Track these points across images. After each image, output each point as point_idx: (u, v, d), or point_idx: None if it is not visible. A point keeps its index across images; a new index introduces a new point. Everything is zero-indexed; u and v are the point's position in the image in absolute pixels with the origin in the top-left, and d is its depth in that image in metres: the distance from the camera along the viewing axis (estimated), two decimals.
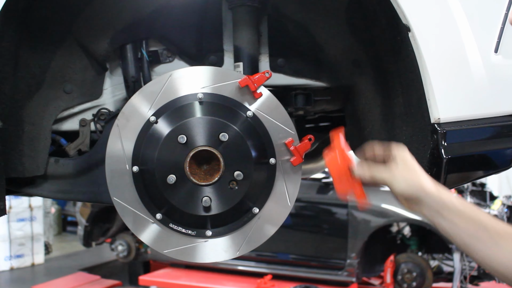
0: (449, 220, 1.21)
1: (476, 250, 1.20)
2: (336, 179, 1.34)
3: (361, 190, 1.33)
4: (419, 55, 1.38)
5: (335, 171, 1.34)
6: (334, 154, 1.35)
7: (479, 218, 1.20)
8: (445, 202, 1.21)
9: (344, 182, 1.34)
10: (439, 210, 1.22)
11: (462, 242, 1.21)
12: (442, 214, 1.22)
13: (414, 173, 1.25)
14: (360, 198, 1.33)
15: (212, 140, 1.45)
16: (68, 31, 1.67)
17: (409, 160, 1.27)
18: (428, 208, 1.23)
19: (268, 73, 1.48)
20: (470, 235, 1.19)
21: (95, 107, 1.80)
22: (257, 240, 1.52)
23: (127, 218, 1.49)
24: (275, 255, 7.12)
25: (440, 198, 1.22)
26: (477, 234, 1.19)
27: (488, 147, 1.46)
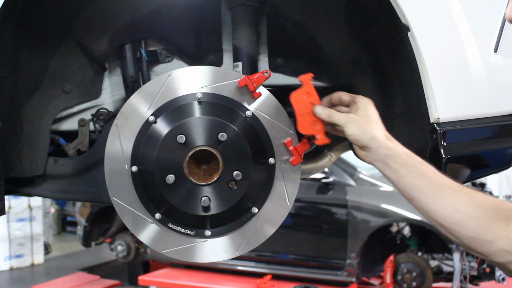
0: (394, 170, 1.28)
1: (418, 201, 1.26)
2: (298, 115, 1.43)
3: (322, 129, 1.42)
4: (418, 55, 1.38)
5: (298, 107, 1.42)
6: (300, 92, 1.43)
7: (423, 170, 1.26)
8: (392, 152, 1.28)
9: (306, 120, 1.43)
10: (385, 159, 1.29)
11: (405, 192, 1.28)
12: (388, 163, 1.28)
13: (368, 121, 1.33)
14: (319, 136, 1.43)
15: (211, 140, 1.45)
16: (67, 31, 1.66)
17: (368, 109, 1.36)
18: (375, 156, 1.31)
19: (267, 72, 1.48)
20: (413, 186, 1.26)
21: (94, 107, 1.79)
22: (256, 240, 1.52)
23: (126, 218, 1.49)
24: (275, 255, 7.12)
25: (387, 148, 1.29)
26: (420, 185, 1.25)
27: (488, 147, 1.45)
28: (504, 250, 1.15)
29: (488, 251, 1.18)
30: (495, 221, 1.17)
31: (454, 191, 1.22)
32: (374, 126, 1.33)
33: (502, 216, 1.18)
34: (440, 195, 1.23)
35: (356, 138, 1.33)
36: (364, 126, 1.33)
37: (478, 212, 1.18)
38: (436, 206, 1.23)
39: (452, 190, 1.23)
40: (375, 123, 1.34)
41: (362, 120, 1.34)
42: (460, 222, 1.20)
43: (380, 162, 1.31)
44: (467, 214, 1.19)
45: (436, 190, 1.23)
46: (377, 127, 1.33)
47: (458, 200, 1.21)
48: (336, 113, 1.38)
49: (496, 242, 1.16)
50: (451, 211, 1.21)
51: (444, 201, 1.22)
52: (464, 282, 6.12)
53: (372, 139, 1.31)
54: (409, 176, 1.26)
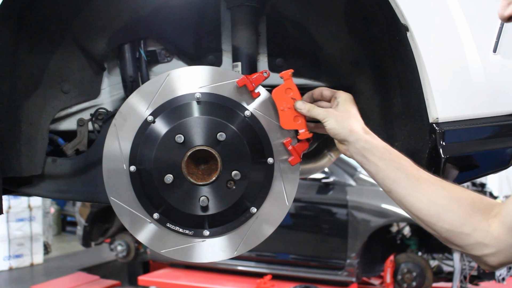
0: (372, 163, 1.31)
1: (396, 193, 1.29)
2: (280, 110, 1.46)
3: (304, 123, 1.46)
4: (417, 55, 1.37)
5: (280, 103, 1.46)
6: (281, 88, 1.46)
7: (400, 162, 1.29)
8: (369, 145, 1.32)
9: (288, 115, 1.46)
10: (363, 152, 1.33)
11: (384, 185, 1.31)
12: (366, 156, 1.32)
13: (346, 115, 1.37)
14: (302, 130, 1.46)
15: (209, 140, 1.45)
16: (66, 31, 1.66)
17: (347, 104, 1.40)
18: (354, 149, 1.35)
19: (266, 72, 1.48)
20: (390, 179, 1.28)
21: (93, 107, 1.79)
22: (255, 240, 1.52)
23: (124, 218, 1.49)
24: (275, 255, 7.11)
25: (365, 141, 1.33)
26: (397, 178, 1.27)
27: (487, 147, 1.45)
28: (482, 243, 1.16)
29: (465, 244, 1.19)
30: (473, 214, 1.18)
31: (431, 184, 1.24)
32: (352, 120, 1.37)
33: (480, 210, 1.19)
34: (417, 188, 1.24)
35: (335, 132, 1.37)
36: (343, 120, 1.36)
37: (455, 205, 1.20)
38: (413, 199, 1.25)
39: (429, 183, 1.24)
40: (353, 117, 1.38)
41: (340, 115, 1.37)
42: (437, 215, 1.21)
43: (359, 155, 1.35)
44: (443, 207, 1.21)
45: (413, 183, 1.25)
46: (355, 120, 1.37)
47: (435, 193, 1.23)
48: (316, 108, 1.43)
49: (473, 235, 1.17)
50: (428, 204, 1.23)
51: (421, 194, 1.24)
52: (464, 282, 6.12)
53: (350, 132, 1.35)
54: (387, 169, 1.29)
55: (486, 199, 1.22)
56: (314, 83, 1.84)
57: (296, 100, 1.45)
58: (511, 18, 1.05)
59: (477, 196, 1.22)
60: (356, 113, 1.39)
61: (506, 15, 1.05)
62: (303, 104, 1.44)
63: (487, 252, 1.16)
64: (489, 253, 1.16)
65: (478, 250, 1.17)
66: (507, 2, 1.05)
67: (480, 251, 1.17)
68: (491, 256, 1.16)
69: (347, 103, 1.40)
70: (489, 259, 1.17)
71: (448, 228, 1.20)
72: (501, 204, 1.18)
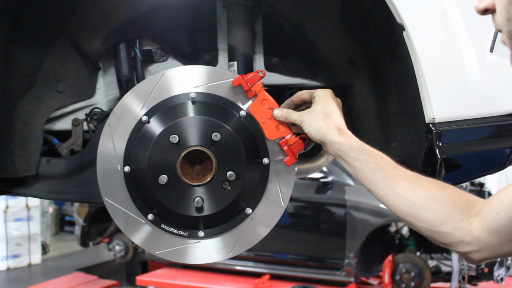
0: (349, 164, 1.33)
1: (375, 193, 1.29)
2: (261, 123, 1.47)
3: (288, 128, 1.47)
4: (413, 55, 1.37)
5: (259, 116, 1.47)
6: (257, 101, 1.47)
7: (376, 162, 1.29)
8: (343, 147, 1.32)
9: (270, 126, 1.47)
10: (339, 153, 1.34)
11: (364, 185, 1.32)
12: (343, 157, 1.33)
13: (321, 117, 1.36)
14: (289, 136, 1.46)
15: (204, 140, 1.44)
16: (61, 30, 1.65)
17: (323, 102, 1.39)
18: (331, 151, 1.36)
19: (262, 72, 1.47)
20: (368, 179, 1.29)
21: (88, 107, 1.78)
22: (250, 241, 1.51)
23: (119, 219, 1.48)
24: (273, 255, 7.11)
25: (339, 143, 1.33)
26: (374, 178, 1.28)
27: (484, 147, 1.44)
28: (463, 241, 1.17)
29: (448, 242, 1.20)
30: (452, 212, 1.18)
31: (408, 183, 1.24)
32: (326, 120, 1.36)
33: (460, 208, 1.19)
34: (394, 188, 1.24)
35: (312, 135, 1.38)
36: (316, 123, 1.37)
37: (433, 204, 1.20)
38: (391, 199, 1.25)
39: (407, 183, 1.24)
40: (328, 116, 1.36)
41: (314, 117, 1.38)
42: (415, 214, 1.22)
43: (337, 156, 1.36)
44: (421, 206, 1.21)
45: (389, 183, 1.25)
46: (329, 121, 1.36)
47: (412, 193, 1.23)
48: (293, 113, 1.44)
49: (454, 234, 1.18)
50: (406, 204, 1.23)
51: (398, 194, 1.24)
52: (462, 282, 6.12)
53: (323, 135, 1.35)
54: (363, 170, 1.29)
55: (467, 196, 1.22)
56: (311, 82, 1.83)
57: (273, 108, 1.47)
58: (487, 11, 1.03)
59: (457, 193, 1.22)
60: (332, 111, 1.37)
61: (482, 7, 1.03)
62: (280, 111, 1.45)
63: (469, 250, 1.17)
64: (472, 250, 1.17)
65: (460, 247, 1.18)
66: None
67: (462, 249, 1.18)
68: (475, 252, 1.17)
69: (323, 101, 1.39)
70: (473, 255, 1.18)
71: (428, 228, 1.21)
72: (482, 202, 1.18)
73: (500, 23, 0.98)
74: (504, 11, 0.96)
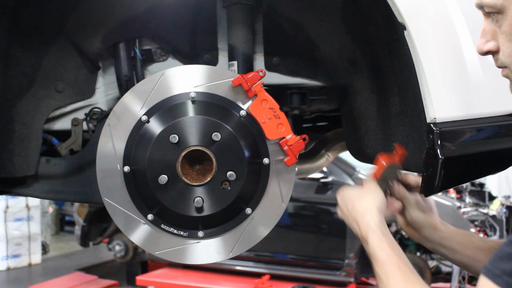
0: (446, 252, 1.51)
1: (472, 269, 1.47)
2: (262, 123, 1.48)
3: (289, 128, 1.49)
4: (414, 54, 1.36)
5: (259, 116, 1.47)
6: (257, 101, 1.47)
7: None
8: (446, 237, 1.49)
9: (270, 125, 1.48)
10: (440, 241, 1.50)
11: (462, 263, 1.50)
12: (439, 249, 1.51)
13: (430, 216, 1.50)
14: (289, 135, 1.48)
15: (204, 140, 1.43)
16: (61, 30, 1.65)
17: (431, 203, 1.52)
18: (427, 241, 1.52)
19: (262, 72, 1.47)
20: (463, 263, 1.50)
21: (87, 106, 1.78)
22: (250, 242, 1.51)
23: (118, 219, 1.48)
24: (273, 255, 7.10)
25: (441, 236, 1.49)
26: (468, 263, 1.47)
27: (485, 147, 1.43)
28: None
29: None
30: None
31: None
32: (434, 215, 1.53)
33: None
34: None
35: (418, 223, 1.50)
36: (429, 215, 1.50)
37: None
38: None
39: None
40: (435, 212, 1.54)
41: (426, 208, 1.50)
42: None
43: (435, 243, 1.52)
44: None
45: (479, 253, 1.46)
46: (435, 215, 1.53)
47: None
48: (408, 194, 1.49)
49: None
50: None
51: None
52: (462, 283, 6.11)
53: (430, 226, 1.50)
54: (463, 250, 1.48)
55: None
56: (311, 82, 1.82)
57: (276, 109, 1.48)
58: (488, 52, 1.15)
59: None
60: (435, 207, 1.53)
61: (486, 49, 1.14)
62: (398, 186, 1.48)
63: None
64: None
65: None
66: (485, 40, 1.14)
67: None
68: None
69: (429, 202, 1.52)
70: None
71: None
72: None
73: (506, 62, 1.11)
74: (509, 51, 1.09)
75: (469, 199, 6.72)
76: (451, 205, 6.36)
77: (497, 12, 1.10)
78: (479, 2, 1.14)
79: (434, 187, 1.37)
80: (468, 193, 6.91)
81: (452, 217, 6.01)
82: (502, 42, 1.11)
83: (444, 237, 1.48)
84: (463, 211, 6.30)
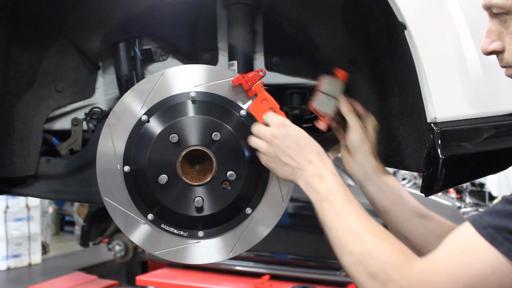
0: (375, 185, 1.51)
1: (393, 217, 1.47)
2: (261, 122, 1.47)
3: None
4: (415, 53, 1.35)
5: (259, 116, 1.46)
6: (257, 101, 1.48)
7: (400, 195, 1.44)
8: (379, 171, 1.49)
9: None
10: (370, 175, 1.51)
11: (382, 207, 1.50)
12: (371, 178, 1.51)
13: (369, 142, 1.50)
14: None
15: (204, 140, 1.43)
16: (60, 29, 1.65)
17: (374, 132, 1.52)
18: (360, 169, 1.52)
19: (262, 71, 1.47)
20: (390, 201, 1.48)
21: (87, 106, 1.77)
22: (251, 241, 1.51)
23: (118, 219, 1.48)
24: (273, 255, 7.10)
25: (377, 167, 1.49)
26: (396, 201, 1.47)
27: (486, 147, 1.43)
28: None
29: None
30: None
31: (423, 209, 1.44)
32: (373, 145, 1.52)
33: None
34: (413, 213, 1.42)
35: (355, 146, 1.50)
36: (367, 141, 1.49)
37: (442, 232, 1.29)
38: (407, 221, 1.42)
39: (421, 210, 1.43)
40: (374, 142, 1.53)
41: (367, 135, 1.50)
42: (427, 239, 1.37)
43: (363, 176, 1.52)
44: (433, 232, 1.38)
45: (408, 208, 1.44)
46: (374, 146, 1.52)
47: (429, 220, 1.41)
48: (355, 114, 1.51)
49: None
50: (422, 228, 1.41)
51: (417, 219, 1.41)
52: None
53: (366, 155, 1.50)
54: (389, 193, 1.47)
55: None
56: (311, 82, 1.82)
57: (276, 109, 1.47)
58: (493, 52, 1.16)
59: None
60: (376, 139, 1.52)
61: (490, 49, 1.15)
62: (346, 101, 1.52)
63: None
64: None
65: None
66: (490, 40, 1.15)
67: None
68: None
69: (375, 128, 1.52)
70: None
71: None
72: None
73: (511, 61, 1.13)
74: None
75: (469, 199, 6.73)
76: (451, 205, 6.37)
77: (505, 13, 1.11)
78: (488, 2, 1.14)
79: (435, 187, 1.37)
80: (468, 193, 6.92)
81: (452, 217, 6.01)
82: (509, 42, 1.12)
83: (373, 173, 1.47)
84: (463, 211, 6.30)
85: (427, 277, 1.03)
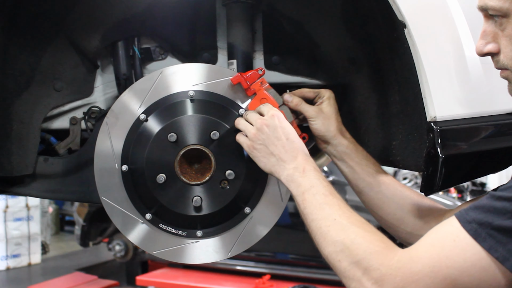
0: (349, 166, 1.50)
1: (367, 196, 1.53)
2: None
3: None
4: (415, 52, 1.35)
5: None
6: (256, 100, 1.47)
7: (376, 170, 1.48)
8: (349, 151, 1.49)
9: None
10: (343, 156, 1.50)
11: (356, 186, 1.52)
12: (345, 160, 1.50)
13: (331, 117, 1.49)
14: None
15: (203, 139, 1.43)
16: (59, 28, 1.64)
17: (332, 103, 1.51)
18: (334, 151, 1.50)
19: (261, 70, 1.47)
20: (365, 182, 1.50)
21: (86, 105, 1.77)
22: (249, 241, 1.50)
23: (116, 218, 1.48)
24: (274, 255, 7.10)
25: (346, 146, 1.49)
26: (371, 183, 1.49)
27: (486, 146, 1.42)
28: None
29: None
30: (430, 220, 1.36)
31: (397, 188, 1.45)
32: (336, 122, 1.49)
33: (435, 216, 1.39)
34: (386, 194, 1.43)
35: (321, 134, 1.49)
36: (328, 123, 1.48)
37: (417, 212, 1.37)
38: (382, 202, 1.44)
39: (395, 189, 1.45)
40: (336, 119, 1.50)
41: (326, 116, 1.48)
42: (401, 219, 1.41)
43: (337, 157, 1.50)
44: (408, 212, 1.41)
45: (382, 189, 1.44)
46: (337, 123, 1.50)
47: (402, 199, 1.41)
48: (305, 104, 1.50)
49: None
50: (395, 208, 1.42)
51: (390, 199, 1.41)
52: None
53: (334, 136, 1.48)
54: (362, 174, 1.47)
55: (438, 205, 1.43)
56: (311, 81, 1.82)
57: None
58: (487, 54, 1.17)
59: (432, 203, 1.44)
60: (337, 113, 1.50)
61: (485, 51, 1.16)
62: (291, 97, 1.49)
63: None
64: None
65: None
66: (485, 41, 1.16)
67: None
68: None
69: (331, 102, 1.50)
70: None
71: (408, 231, 1.41)
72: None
73: (508, 64, 1.14)
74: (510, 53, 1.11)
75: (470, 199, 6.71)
76: (452, 204, 6.36)
77: (501, 15, 1.11)
78: (483, 4, 1.14)
79: (435, 186, 1.36)
80: (469, 192, 6.91)
81: None
82: (505, 44, 1.12)
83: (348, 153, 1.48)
84: None
85: (407, 265, 1.05)
